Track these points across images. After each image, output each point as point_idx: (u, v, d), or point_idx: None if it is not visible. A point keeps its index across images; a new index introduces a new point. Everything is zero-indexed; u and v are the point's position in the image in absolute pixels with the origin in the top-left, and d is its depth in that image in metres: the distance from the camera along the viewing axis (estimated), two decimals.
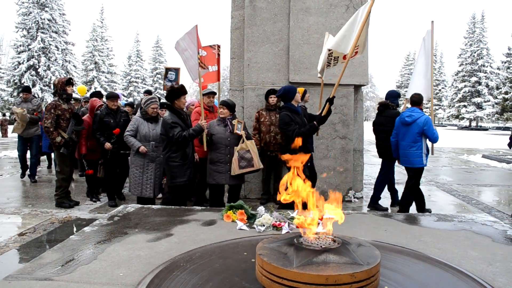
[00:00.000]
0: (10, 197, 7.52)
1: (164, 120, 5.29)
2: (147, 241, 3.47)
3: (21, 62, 38.29)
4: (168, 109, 5.43)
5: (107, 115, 6.85)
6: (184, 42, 6.02)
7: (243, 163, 5.77)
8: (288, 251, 2.37)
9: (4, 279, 2.65)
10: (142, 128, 6.00)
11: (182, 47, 6.05)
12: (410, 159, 6.05)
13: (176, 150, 5.30)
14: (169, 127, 5.18)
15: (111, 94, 7.10)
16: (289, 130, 5.42)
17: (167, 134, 5.22)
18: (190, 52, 5.91)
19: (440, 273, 2.82)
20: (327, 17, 7.12)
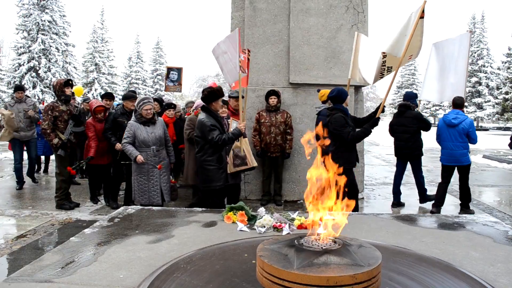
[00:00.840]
0: (10, 198, 7.51)
1: (202, 122, 4.99)
2: (148, 242, 3.46)
3: (21, 64, 38.28)
4: (204, 111, 5.12)
5: (121, 115, 6.62)
6: (224, 44, 5.96)
7: (237, 161, 5.73)
8: (289, 253, 2.36)
9: (4, 281, 2.64)
10: (139, 133, 5.64)
11: (222, 50, 6.00)
12: (458, 158, 6.51)
13: (212, 153, 5.04)
14: (207, 129, 4.91)
15: (129, 95, 6.86)
16: (344, 132, 5.36)
17: (204, 136, 4.96)
18: (230, 56, 5.85)
19: (441, 274, 2.81)
20: (327, 18, 7.12)
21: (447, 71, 6.71)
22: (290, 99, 7.25)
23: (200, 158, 5.06)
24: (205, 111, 5.10)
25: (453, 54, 6.69)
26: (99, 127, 6.72)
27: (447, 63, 6.79)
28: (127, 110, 6.65)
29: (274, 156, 6.88)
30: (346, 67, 7.07)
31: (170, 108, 7.29)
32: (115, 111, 6.77)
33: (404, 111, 6.99)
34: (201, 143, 5.03)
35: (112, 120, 6.60)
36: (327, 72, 7.12)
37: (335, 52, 7.12)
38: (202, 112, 5.14)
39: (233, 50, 5.78)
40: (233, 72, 5.88)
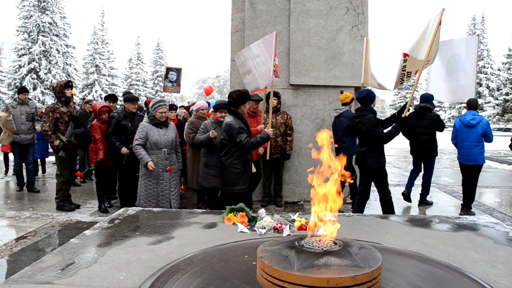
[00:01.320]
0: (10, 200, 7.51)
1: (230, 125, 4.95)
2: (148, 244, 3.46)
3: (22, 66, 38.32)
4: (232, 114, 5.09)
5: (124, 118, 6.48)
6: (257, 48, 5.98)
7: None
8: (289, 254, 2.36)
9: (4, 283, 2.64)
10: (151, 134, 5.49)
11: (254, 53, 6.00)
12: (475, 157, 6.78)
13: (238, 157, 5.02)
14: (236, 132, 4.89)
15: (130, 97, 6.71)
16: (378, 132, 5.52)
17: (232, 139, 4.94)
18: (263, 59, 5.85)
19: (442, 275, 2.80)
20: (328, 19, 7.12)
21: (455, 72, 6.77)
22: (291, 100, 7.25)
23: (226, 161, 5.03)
24: (233, 114, 5.08)
25: (459, 56, 6.77)
26: (103, 129, 6.54)
27: (453, 64, 6.83)
28: (129, 113, 6.53)
29: (275, 157, 6.87)
30: (347, 68, 7.07)
31: (172, 109, 7.25)
32: (117, 114, 6.61)
33: (424, 113, 7.10)
34: (228, 146, 5.01)
35: (115, 123, 6.45)
36: (327, 73, 7.12)
37: (335, 53, 7.12)
38: (229, 115, 5.12)
39: (267, 54, 5.81)
40: (266, 75, 5.85)
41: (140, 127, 5.58)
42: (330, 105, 7.15)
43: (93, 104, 7.08)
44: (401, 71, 5.74)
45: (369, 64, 6.43)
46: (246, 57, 6.13)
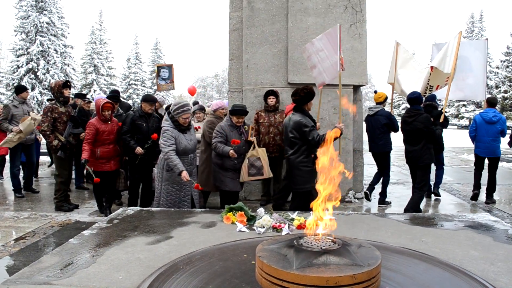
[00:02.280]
0: (9, 200, 7.50)
1: (301, 123, 4.92)
2: (147, 244, 3.46)
3: (20, 66, 38.30)
4: (299, 112, 5.05)
5: (140, 117, 6.24)
6: (320, 42, 5.90)
7: (253, 171, 5.64)
8: (288, 253, 2.35)
9: (3, 284, 2.63)
10: (180, 140, 5.08)
11: (317, 48, 5.93)
12: (494, 151, 7.46)
13: (308, 155, 5.03)
14: (308, 130, 4.89)
15: (149, 97, 6.44)
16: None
17: (304, 137, 4.93)
18: (327, 53, 5.78)
19: (441, 273, 2.80)
20: (326, 18, 7.11)
21: (462, 72, 7.19)
22: (289, 99, 7.19)
23: (295, 160, 5.04)
24: (300, 111, 5.08)
25: (466, 57, 7.29)
26: (103, 128, 6.07)
27: (460, 64, 7.08)
28: (145, 113, 6.29)
29: (273, 156, 6.85)
30: (345, 66, 7.06)
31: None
32: (133, 113, 6.36)
33: (431, 110, 7.12)
34: (298, 144, 5.00)
35: (130, 122, 6.20)
36: None
37: None
38: (296, 113, 5.08)
39: (330, 47, 5.72)
40: (331, 70, 5.77)
41: (166, 133, 5.01)
42: (329, 104, 7.14)
43: (96, 100, 6.49)
44: (425, 84, 6.26)
45: (396, 68, 6.75)
46: (310, 52, 6.11)
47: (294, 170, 5.06)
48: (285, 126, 5.21)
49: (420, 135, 5.94)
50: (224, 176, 5.62)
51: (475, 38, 50.94)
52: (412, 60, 6.98)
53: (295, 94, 5.13)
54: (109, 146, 6.17)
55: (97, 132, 6.02)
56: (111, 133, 6.16)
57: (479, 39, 51.03)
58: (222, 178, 5.63)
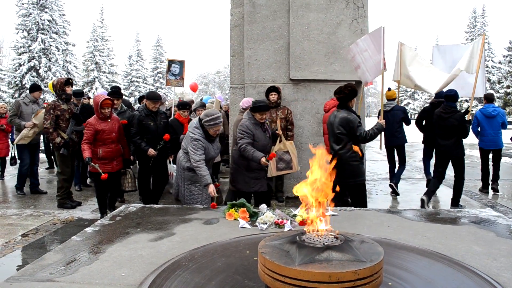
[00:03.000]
0: (12, 198, 7.52)
1: (348, 119, 5.03)
2: (149, 240, 3.46)
3: (22, 64, 38.31)
4: (344, 109, 5.16)
5: (146, 117, 6.06)
6: (364, 42, 6.18)
7: (282, 165, 5.50)
8: (291, 249, 2.35)
9: (6, 281, 2.64)
10: (209, 151, 4.95)
11: (361, 48, 6.21)
12: (497, 143, 7.99)
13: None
14: (356, 126, 5.03)
15: (152, 95, 6.23)
16: (468, 127, 6.47)
17: (352, 132, 5.04)
18: (370, 53, 6.07)
19: (444, 269, 2.80)
20: (327, 13, 7.09)
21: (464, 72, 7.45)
22: (291, 95, 7.23)
23: (345, 155, 5.09)
24: (345, 108, 5.16)
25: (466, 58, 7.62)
26: (103, 126, 5.72)
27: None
28: (151, 111, 6.13)
29: None
30: (347, 62, 7.04)
31: (185, 108, 6.90)
32: (139, 113, 6.18)
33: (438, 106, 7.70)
34: (345, 140, 5.10)
35: (137, 123, 6.04)
36: (327, 67, 7.10)
37: (335, 47, 7.09)
38: (342, 110, 5.18)
39: (373, 48, 6.02)
40: (374, 69, 6.10)
41: (197, 142, 4.84)
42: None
43: (95, 97, 6.15)
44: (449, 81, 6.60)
45: (405, 66, 6.97)
46: (354, 52, 6.37)
47: (344, 165, 5.06)
48: (331, 123, 5.28)
49: (454, 131, 6.42)
50: (249, 178, 5.32)
51: (477, 33, 50.77)
52: (418, 56, 7.23)
53: (339, 92, 5.21)
54: (111, 145, 5.81)
55: (96, 131, 5.68)
56: (111, 131, 5.80)
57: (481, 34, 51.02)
58: (246, 180, 5.33)
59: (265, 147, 5.25)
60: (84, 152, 5.59)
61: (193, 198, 5.03)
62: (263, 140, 5.23)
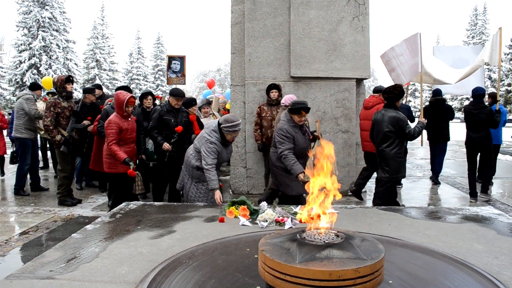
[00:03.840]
0: (12, 196, 7.52)
1: (398, 118, 5.33)
2: (149, 238, 3.46)
3: (22, 61, 38.30)
4: (393, 108, 5.47)
5: (168, 112, 5.98)
6: (400, 48, 6.83)
7: None
8: (291, 247, 2.34)
9: (6, 278, 2.63)
10: (222, 155, 4.90)
11: (397, 52, 6.86)
12: (498, 138, 8.42)
13: (401, 147, 5.49)
14: (405, 124, 5.33)
15: (176, 92, 6.14)
16: (498, 121, 6.99)
17: (400, 130, 5.33)
18: (405, 57, 6.72)
19: (445, 267, 2.79)
20: (328, 11, 7.06)
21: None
22: (292, 92, 7.19)
23: (390, 152, 5.41)
24: (393, 107, 5.47)
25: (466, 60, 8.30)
26: (126, 125, 5.41)
27: (459, 65, 8.11)
28: (174, 108, 6.05)
29: None
30: (348, 60, 7.03)
31: (192, 105, 6.72)
32: (160, 108, 6.09)
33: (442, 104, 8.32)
34: (393, 138, 5.38)
35: (157, 118, 5.97)
36: (328, 65, 7.08)
37: (336, 45, 7.07)
38: (389, 109, 5.46)
39: (408, 52, 6.68)
40: (409, 72, 6.78)
41: (213, 146, 4.76)
42: (331, 97, 7.11)
43: (118, 94, 5.51)
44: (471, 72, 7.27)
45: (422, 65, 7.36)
46: (390, 57, 6.96)
47: (390, 161, 5.43)
48: (378, 121, 5.52)
49: (484, 124, 7.02)
50: (290, 180, 5.18)
51: (478, 31, 50.71)
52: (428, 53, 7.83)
53: (388, 92, 5.51)
54: (131, 145, 5.60)
55: (120, 130, 5.35)
56: (132, 130, 5.60)
57: (483, 31, 50.91)
58: (288, 182, 5.21)
59: (305, 150, 5.01)
60: (118, 154, 5.24)
61: (199, 196, 4.98)
62: (303, 143, 5.09)
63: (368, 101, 6.80)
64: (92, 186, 8.25)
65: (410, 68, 6.68)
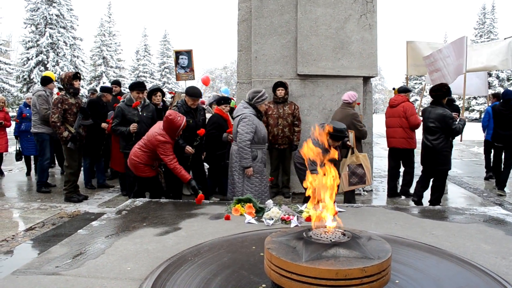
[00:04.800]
0: (19, 192, 7.56)
1: (445, 115, 5.67)
2: (155, 235, 3.46)
3: (30, 58, 38.47)
4: (440, 105, 5.82)
5: (186, 114, 5.67)
6: (447, 50, 7.47)
7: (354, 180, 5.26)
8: (297, 245, 2.33)
9: (12, 274, 2.64)
10: (260, 128, 4.89)
11: (444, 54, 7.46)
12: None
13: (447, 141, 5.91)
14: (452, 121, 5.68)
15: (192, 91, 5.84)
16: None
17: (446, 126, 5.70)
18: (452, 59, 7.30)
19: (452, 267, 2.77)
20: (335, 8, 7.02)
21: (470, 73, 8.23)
22: (298, 90, 7.19)
23: (438, 145, 5.81)
24: (440, 105, 5.84)
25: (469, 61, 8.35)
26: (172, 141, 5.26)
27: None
28: (191, 108, 5.85)
29: (282, 148, 6.83)
30: (355, 57, 6.99)
31: (227, 103, 6.57)
32: (177, 109, 5.81)
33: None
34: (439, 133, 5.79)
35: None
36: (335, 63, 7.04)
37: (343, 42, 7.03)
38: (437, 106, 5.84)
39: (454, 54, 7.28)
40: (453, 72, 7.39)
41: (248, 119, 4.77)
42: (338, 96, 7.07)
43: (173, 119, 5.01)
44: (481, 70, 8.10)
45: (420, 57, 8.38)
46: (436, 58, 7.54)
47: (437, 154, 5.85)
48: (425, 117, 5.96)
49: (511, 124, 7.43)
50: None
51: (487, 29, 50.33)
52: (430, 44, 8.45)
53: (435, 90, 5.92)
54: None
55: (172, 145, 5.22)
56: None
57: (491, 30, 50.52)
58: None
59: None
60: (184, 175, 4.95)
61: (255, 190, 4.97)
62: None
63: (394, 99, 7.03)
64: (106, 187, 7.86)
65: (455, 68, 7.23)
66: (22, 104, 9.15)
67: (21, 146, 8.76)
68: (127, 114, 6.21)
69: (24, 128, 8.57)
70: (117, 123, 6.20)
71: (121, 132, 6.17)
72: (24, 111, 8.80)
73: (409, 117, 6.68)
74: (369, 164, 5.51)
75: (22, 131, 8.68)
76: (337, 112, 6.32)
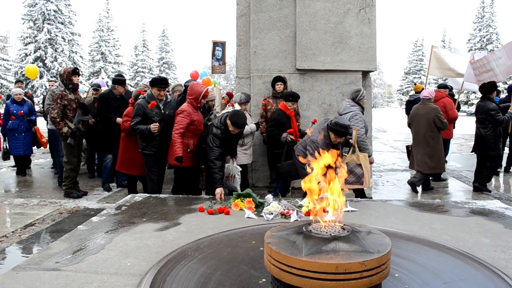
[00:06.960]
0: (18, 188, 7.56)
1: (490, 108, 6.61)
2: (155, 230, 3.46)
3: (28, 54, 38.39)
4: (487, 99, 6.78)
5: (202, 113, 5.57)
6: (500, 52, 8.40)
7: (351, 178, 5.12)
8: (297, 240, 2.33)
9: (12, 270, 2.65)
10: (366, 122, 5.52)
11: (497, 56, 8.32)
12: None
13: (495, 130, 6.79)
14: (495, 113, 6.61)
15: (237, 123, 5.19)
16: None
17: (492, 117, 6.62)
18: (504, 60, 8.17)
19: (452, 260, 2.78)
20: (334, 2, 7.00)
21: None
22: (297, 85, 7.17)
23: (487, 134, 6.75)
24: (488, 99, 6.78)
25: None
26: (196, 117, 5.19)
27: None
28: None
29: None
30: (354, 52, 6.97)
31: (295, 100, 6.18)
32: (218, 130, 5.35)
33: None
34: (487, 123, 6.72)
35: None
36: (334, 57, 7.03)
37: (342, 37, 7.01)
38: (485, 100, 6.78)
39: (506, 55, 8.17)
40: (505, 71, 8.24)
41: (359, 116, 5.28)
42: (337, 90, 7.07)
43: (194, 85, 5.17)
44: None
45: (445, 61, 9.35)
46: (489, 60, 8.36)
47: (487, 142, 6.78)
48: (476, 110, 6.95)
49: None
50: None
51: (486, 23, 50.27)
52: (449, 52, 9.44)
53: (483, 86, 6.86)
54: (198, 138, 5.28)
55: (191, 121, 5.10)
56: (200, 123, 5.30)
57: (490, 24, 50.45)
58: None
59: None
60: (177, 148, 4.90)
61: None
62: None
63: (436, 95, 7.53)
64: (124, 187, 7.30)
65: (506, 68, 8.15)
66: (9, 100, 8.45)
67: (9, 146, 8.31)
68: (149, 113, 5.41)
69: (11, 126, 8.15)
70: (137, 121, 5.42)
71: (141, 131, 5.38)
72: (11, 107, 8.19)
73: (449, 111, 7.54)
74: (369, 165, 5.32)
75: (9, 129, 8.19)
76: (419, 108, 6.95)
